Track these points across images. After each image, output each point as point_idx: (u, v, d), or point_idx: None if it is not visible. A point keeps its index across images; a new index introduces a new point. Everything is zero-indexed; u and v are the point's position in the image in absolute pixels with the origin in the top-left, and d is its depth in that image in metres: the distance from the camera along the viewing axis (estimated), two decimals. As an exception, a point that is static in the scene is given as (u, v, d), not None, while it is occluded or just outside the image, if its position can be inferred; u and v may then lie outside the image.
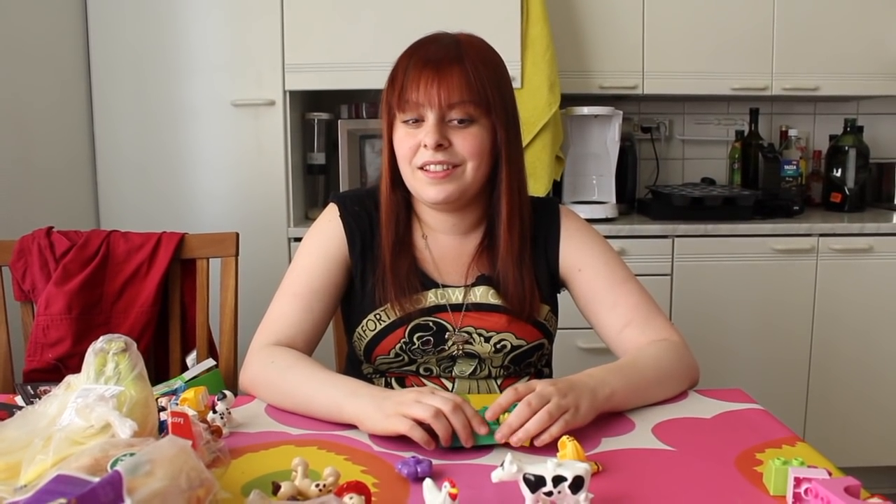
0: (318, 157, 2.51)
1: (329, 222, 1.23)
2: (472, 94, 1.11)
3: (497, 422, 0.95)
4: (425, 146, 1.11)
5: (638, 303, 1.19)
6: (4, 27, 2.00)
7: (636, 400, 1.06)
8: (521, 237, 1.20)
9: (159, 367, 1.63)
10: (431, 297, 1.19)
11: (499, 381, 1.22)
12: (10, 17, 2.02)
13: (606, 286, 1.20)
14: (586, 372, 1.04)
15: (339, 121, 2.41)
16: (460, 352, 1.18)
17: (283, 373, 1.07)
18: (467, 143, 1.12)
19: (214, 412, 0.97)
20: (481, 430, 0.91)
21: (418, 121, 1.12)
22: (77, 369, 0.86)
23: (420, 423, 0.90)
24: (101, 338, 0.85)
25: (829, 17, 2.53)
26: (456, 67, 1.11)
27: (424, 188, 1.14)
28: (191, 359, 1.61)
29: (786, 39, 2.53)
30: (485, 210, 1.22)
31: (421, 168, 1.13)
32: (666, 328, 1.18)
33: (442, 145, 1.11)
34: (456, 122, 1.12)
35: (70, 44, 2.29)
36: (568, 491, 0.72)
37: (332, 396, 1.01)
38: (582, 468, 0.73)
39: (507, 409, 0.95)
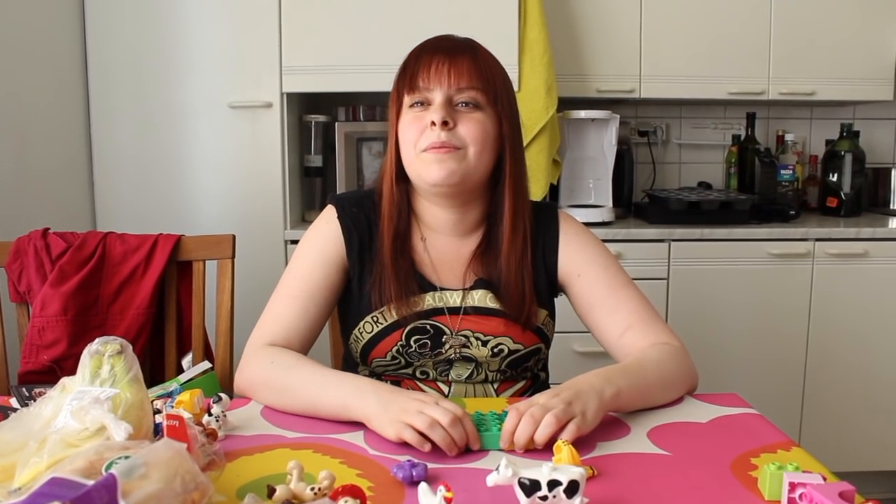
0: (315, 160, 2.51)
1: (327, 224, 1.23)
2: (482, 81, 1.14)
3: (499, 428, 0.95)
4: (432, 124, 1.12)
5: (638, 308, 1.19)
6: (1, 26, 2.00)
7: (641, 401, 1.06)
8: (524, 239, 1.20)
9: (155, 370, 1.62)
10: (429, 301, 1.19)
11: (495, 385, 1.21)
12: (7, 16, 2.02)
13: (606, 291, 1.20)
14: (591, 372, 1.04)
15: (336, 123, 2.41)
16: (457, 355, 1.18)
17: (285, 372, 1.08)
18: (471, 127, 1.13)
19: (210, 415, 0.97)
20: (475, 446, 0.92)
21: (426, 104, 1.15)
22: (72, 371, 0.86)
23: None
24: (97, 340, 0.85)
25: (826, 22, 2.54)
26: (467, 56, 1.15)
27: (427, 167, 1.14)
28: (186, 361, 1.61)
29: (783, 44, 2.54)
30: (485, 211, 1.23)
31: (425, 150, 1.14)
32: (666, 333, 1.18)
33: (447, 123, 1.12)
34: (462, 104, 1.14)
35: (67, 44, 2.28)
36: (563, 495, 0.72)
37: (337, 395, 1.01)
38: (577, 472, 0.73)
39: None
